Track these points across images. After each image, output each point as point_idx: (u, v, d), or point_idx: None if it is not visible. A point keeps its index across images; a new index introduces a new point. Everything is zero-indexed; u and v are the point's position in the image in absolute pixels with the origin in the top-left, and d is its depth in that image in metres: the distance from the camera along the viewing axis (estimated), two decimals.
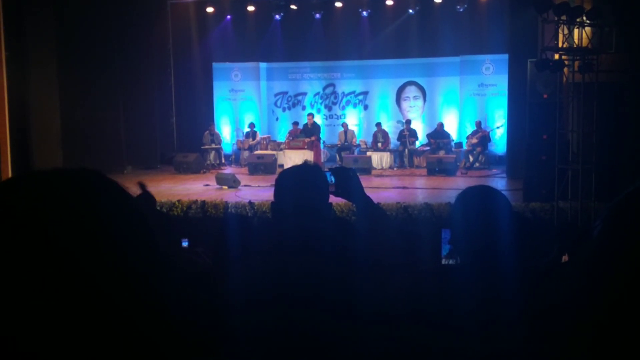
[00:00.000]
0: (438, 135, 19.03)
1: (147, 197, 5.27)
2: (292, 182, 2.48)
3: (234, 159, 20.34)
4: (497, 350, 2.09)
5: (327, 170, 2.72)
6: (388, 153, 18.87)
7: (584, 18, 11.20)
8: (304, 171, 2.55)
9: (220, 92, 21.46)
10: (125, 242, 0.95)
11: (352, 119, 20.77)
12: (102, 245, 0.92)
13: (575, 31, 11.36)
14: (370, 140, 19.57)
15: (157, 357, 0.95)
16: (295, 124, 19.50)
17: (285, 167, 16.10)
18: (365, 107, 21.09)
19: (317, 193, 2.45)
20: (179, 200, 12.42)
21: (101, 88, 17.59)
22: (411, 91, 20.71)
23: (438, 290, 2.33)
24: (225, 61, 21.23)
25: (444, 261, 6.07)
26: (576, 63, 11.37)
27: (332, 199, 2.59)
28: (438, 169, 16.88)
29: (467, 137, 18.74)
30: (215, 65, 21.28)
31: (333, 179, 2.68)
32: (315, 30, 20.57)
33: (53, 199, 0.93)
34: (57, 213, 0.91)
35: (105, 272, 0.91)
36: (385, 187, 14.60)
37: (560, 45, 11.27)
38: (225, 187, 14.61)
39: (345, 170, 2.78)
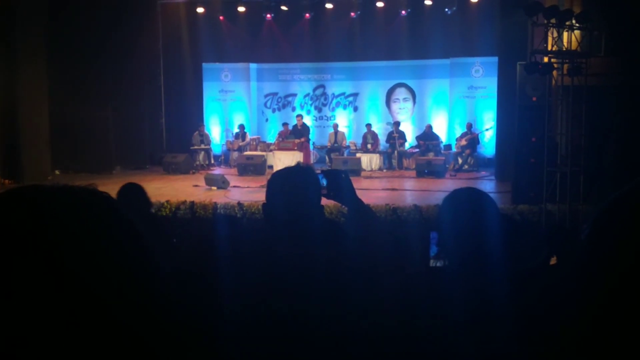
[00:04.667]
0: (427, 137, 19.07)
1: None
2: (283, 183, 2.48)
3: (224, 159, 20.33)
4: (486, 351, 2.10)
5: (320, 172, 2.71)
6: (377, 155, 18.89)
7: (574, 21, 11.25)
8: (296, 173, 2.55)
9: (210, 92, 21.42)
10: (117, 253, 0.96)
11: (342, 120, 20.77)
12: (95, 257, 0.93)
13: (565, 34, 11.42)
14: (359, 141, 19.58)
15: (150, 357, 0.96)
16: (286, 124, 19.49)
17: (275, 168, 16.12)
18: (355, 109, 21.10)
19: (308, 195, 2.45)
20: (167, 201, 12.39)
21: (90, 88, 17.55)
22: (401, 93, 20.73)
23: (427, 292, 2.33)
24: (215, 62, 21.19)
25: (432, 263, 6.06)
26: (565, 66, 11.42)
27: (324, 200, 2.59)
28: (427, 170, 16.91)
29: (457, 139, 18.79)
30: (205, 65, 21.25)
31: (325, 181, 2.68)
32: (306, 31, 20.58)
33: (50, 213, 0.94)
34: (50, 226, 0.92)
35: (99, 282, 0.92)
36: (374, 189, 14.61)
37: (549, 48, 11.31)
38: (215, 188, 14.58)
39: (338, 172, 2.78)
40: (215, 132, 21.19)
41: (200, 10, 20.40)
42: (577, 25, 11.34)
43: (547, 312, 1.87)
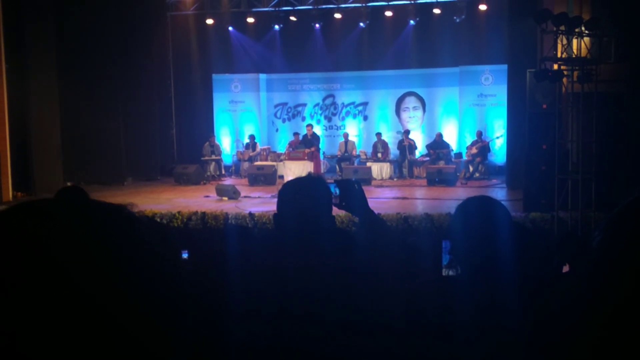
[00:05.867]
0: (437, 145, 19.04)
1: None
2: (295, 194, 2.49)
3: (234, 170, 20.35)
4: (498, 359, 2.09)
5: (332, 182, 2.71)
6: (388, 163, 18.87)
7: (583, 28, 11.23)
8: (307, 183, 2.55)
9: (220, 103, 21.48)
10: (124, 261, 0.96)
11: (352, 129, 20.78)
12: (102, 266, 0.93)
13: (574, 41, 11.39)
14: (370, 150, 19.57)
15: None
16: (296, 134, 19.51)
17: (286, 178, 16.11)
18: (365, 118, 21.10)
19: (319, 206, 2.45)
20: (179, 212, 12.42)
21: (101, 99, 17.62)
22: (411, 102, 20.72)
23: (438, 300, 2.33)
24: (225, 72, 21.26)
25: (444, 272, 6.04)
26: (575, 73, 11.40)
27: (335, 210, 2.59)
28: (438, 179, 16.88)
29: (467, 148, 18.75)
30: (215, 76, 21.32)
31: (337, 191, 2.68)
32: (315, 41, 20.62)
33: (52, 224, 0.94)
34: (55, 236, 0.92)
35: (107, 292, 0.92)
36: (385, 198, 14.60)
37: (559, 55, 11.29)
38: (226, 198, 14.60)
39: (350, 182, 2.77)
40: (226, 142, 21.23)
41: (209, 21, 20.47)
42: (586, 32, 11.31)
43: (559, 320, 1.86)
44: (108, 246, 0.95)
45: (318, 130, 20.47)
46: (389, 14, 19.61)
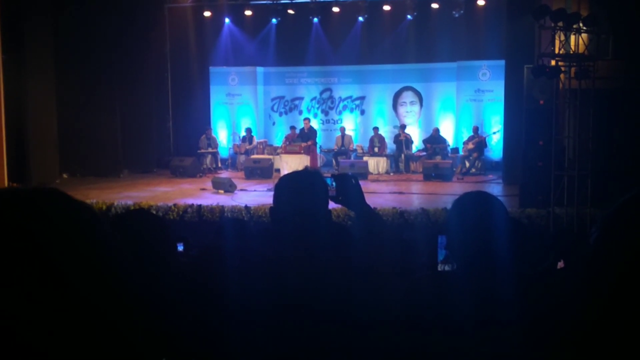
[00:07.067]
0: (434, 140, 19.04)
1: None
2: (291, 188, 2.48)
3: (231, 163, 20.34)
4: (494, 355, 2.09)
5: (329, 176, 2.70)
6: (384, 158, 18.87)
7: (581, 25, 11.23)
8: (303, 177, 2.55)
9: (217, 96, 21.45)
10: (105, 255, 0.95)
11: (349, 123, 20.76)
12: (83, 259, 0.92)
13: (572, 38, 11.40)
14: (366, 145, 19.57)
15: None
16: (293, 128, 19.51)
17: (282, 171, 16.05)
18: (362, 112, 21.08)
19: (316, 200, 2.45)
20: (174, 204, 12.41)
21: (98, 92, 17.59)
22: (408, 96, 20.71)
23: (434, 296, 2.33)
24: (222, 65, 21.22)
25: (440, 267, 6.05)
26: (572, 69, 11.40)
27: (331, 204, 2.59)
28: (434, 174, 16.88)
29: (464, 143, 18.75)
30: (212, 69, 21.28)
31: (334, 185, 2.67)
32: (313, 35, 20.57)
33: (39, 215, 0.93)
34: (40, 226, 0.91)
35: (91, 284, 0.91)
36: (381, 192, 14.59)
37: (556, 51, 11.30)
38: (222, 192, 14.59)
39: (347, 177, 2.77)
40: (223, 135, 21.21)
41: (207, 14, 20.43)
42: (584, 28, 11.32)
43: (555, 316, 1.86)
44: (95, 238, 0.95)
45: (315, 124, 20.44)
46: (387, 8, 19.56)
